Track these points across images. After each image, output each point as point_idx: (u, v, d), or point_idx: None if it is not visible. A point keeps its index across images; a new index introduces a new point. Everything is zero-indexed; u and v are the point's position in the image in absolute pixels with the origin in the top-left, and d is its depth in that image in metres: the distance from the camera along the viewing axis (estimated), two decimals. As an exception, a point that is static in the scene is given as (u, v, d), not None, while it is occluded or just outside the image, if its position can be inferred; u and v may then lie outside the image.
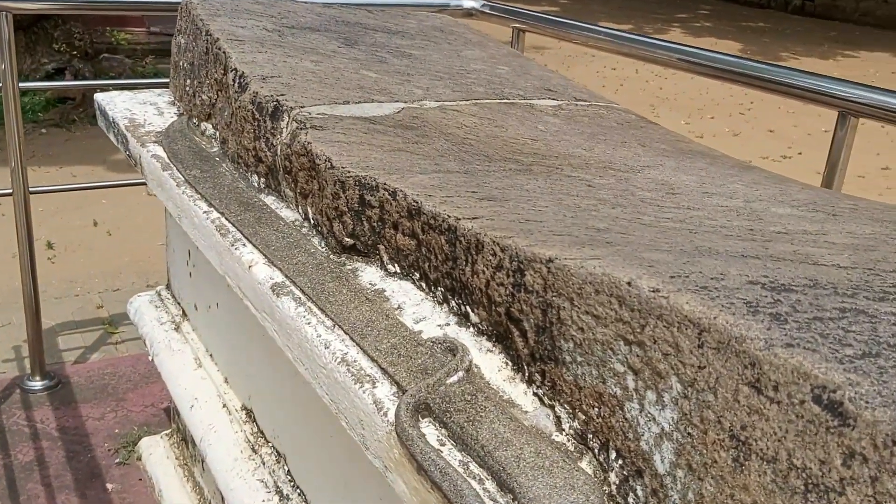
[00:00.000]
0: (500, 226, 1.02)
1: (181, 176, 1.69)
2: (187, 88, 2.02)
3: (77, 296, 3.90)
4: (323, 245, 1.34)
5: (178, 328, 2.32)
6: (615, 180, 1.32)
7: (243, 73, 1.64)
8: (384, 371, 1.03)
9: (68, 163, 6.08)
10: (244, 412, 1.91)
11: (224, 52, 1.75)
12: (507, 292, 0.97)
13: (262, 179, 1.57)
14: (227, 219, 1.48)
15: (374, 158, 1.29)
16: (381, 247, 1.23)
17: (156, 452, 2.56)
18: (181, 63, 2.08)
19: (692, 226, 1.07)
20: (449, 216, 1.07)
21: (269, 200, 1.53)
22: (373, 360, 1.05)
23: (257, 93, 1.55)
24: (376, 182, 1.20)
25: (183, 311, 2.35)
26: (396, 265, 1.21)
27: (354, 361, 1.06)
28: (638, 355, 0.78)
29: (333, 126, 1.41)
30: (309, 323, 1.15)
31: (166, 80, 2.29)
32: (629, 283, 0.79)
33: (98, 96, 2.28)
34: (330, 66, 1.75)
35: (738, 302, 0.74)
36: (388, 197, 1.18)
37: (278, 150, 1.46)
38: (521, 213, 1.08)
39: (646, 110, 9.09)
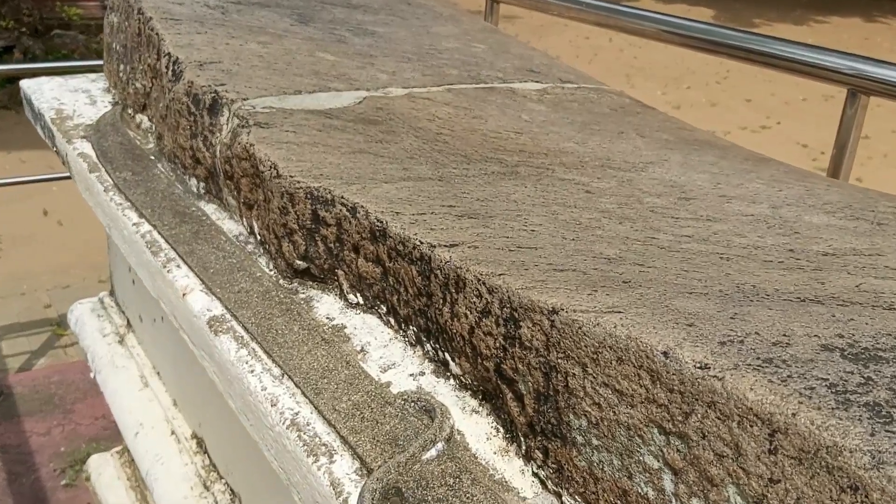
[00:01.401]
0: (486, 256, 0.81)
1: (110, 179, 1.46)
2: (121, 74, 1.78)
3: (23, 294, 3.64)
4: (271, 267, 1.12)
5: (122, 341, 2.09)
6: (616, 182, 1.12)
7: (177, 58, 1.40)
8: (344, 440, 0.82)
9: (17, 147, 5.76)
10: (195, 441, 1.69)
11: (157, 35, 1.51)
12: (497, 344, 0.76)
13: (202, 184, 1.34)
14: (159, 232, 1.25)
15: (329, 164, 1.07)
16: (340, 272, 1.02)
17: (105, 473, 2.34)
18: (114, 45, 1.84)
19: (721, 247, 0.87)
20: (421, 242, 0.86)
21: (210, 209, 1.30)
22: (330, 424, 0.84)
23: (192, 82, 1.31)
24: (332, 195, 0.99)
25: (128, 322, 2.12)
26: (359, 295, 1.00)
27: (308, 425, 0.85)
28: (679, 451, 0.58)
29: (281, 122, 1.19)
30: (252, 371, 0.93)
31: (101, 63, 2.05)
32: (666, 355, 0.59)
33: (24, 83, 2.03)
34: (280, 49, 1.52)
35: (819, 385, 0.54)
36: (347, 214, 0.97)
37: (218, 151, 1.24)
38: (510, 237, 0.87)
39: (621, 81, 8.88)
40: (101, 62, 2.06)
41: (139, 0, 1.66)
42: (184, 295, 1.11)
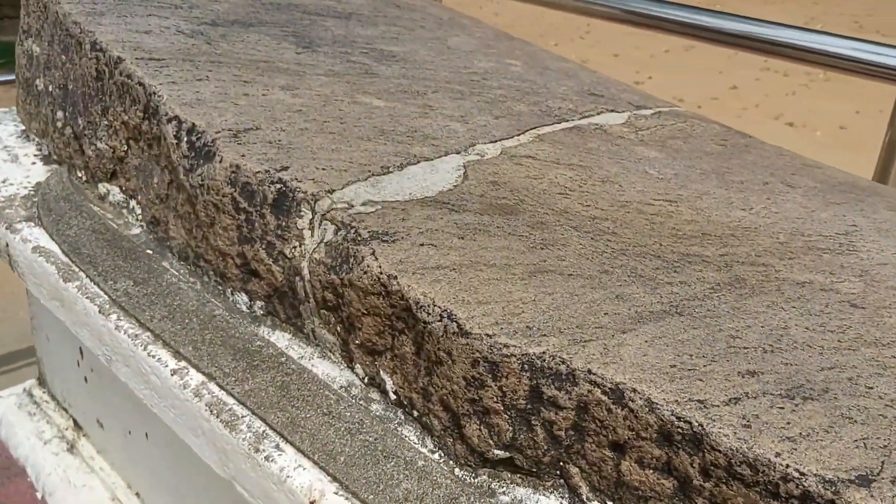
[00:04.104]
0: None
1: (102, 292, 1.06)
2: (59, 124, 1.34)
3: None
4: (432, 448, 0.79)
5: (73, 449, 1.66)
6: (862, 284, 0.86)
7: (193, 125, 1.01)
8: None
9: None
10: None
11: (141, 84, 1.11)
12: None
13: (260, 303, 0.97)
14: (222, 386, 0.89)
15: (521, 302, 0.75)
16: (573, 468, 0.70)
17: None
18: (41, 85, 1.39)
19: None
20: (803, 473, 0.57)
21: (281, 341, 0.94)
22: None
23: (239, 167, 0.94)
24: (568, 367, 0.67)
25: (75, 423, 1.69)
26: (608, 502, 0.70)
27: None
28: None
29: (404, 228, 0.85)
30: None
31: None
32: None
33: None
34: (314, 96, 1.15)
35: None
36: (604, 399, 0.66)
37: (304, 270, 0.88)
38: (879, 436, 0.60)
39: (491, 41, 8.65)
40: None
41: (90, 30, 1.23)
42: (312, 503, 0.76)
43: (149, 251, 1.13)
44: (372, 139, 1.04)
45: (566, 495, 0.72)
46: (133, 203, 1.21)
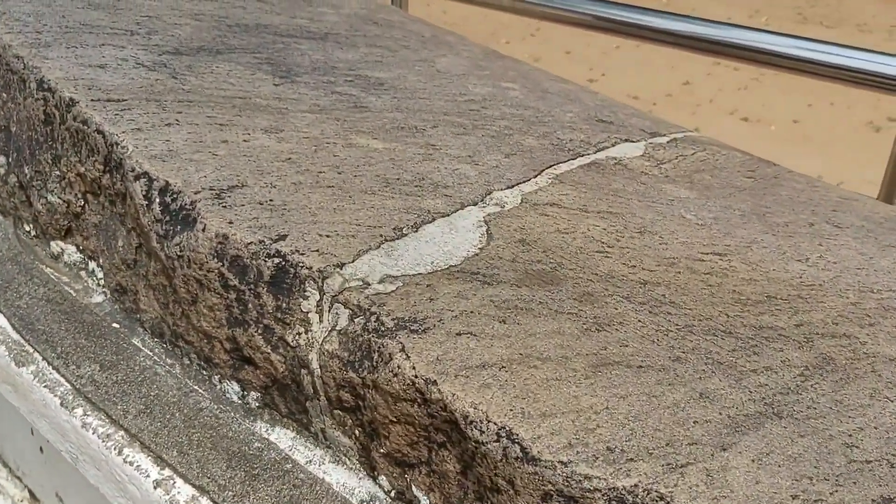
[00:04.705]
0: None
1: (62, 378, 0.90)
2: (1, 171, 1.17)
3: None
4: (486, 583, 0.65)
5: (30, 524, 1.48)
6: (959, 352, 0.74)
7: (168, 184, 0.86)
8: None
9: None
10: None
11: (101, 133, 0.95)
12: None
13: (255, 394, 0.83)
14: (215, 502, 0.74)
15: (591, 411, 0.62)
16: None
17: None
18: (-21, 124, 1.21)
19: None
20: None
21: (285, 442, 0.80)
22: None
23: (227, 237, 0.79)
24: (668, 504, 0.54)
25: (31, 494, 1.51)
26: None
27: None
28: None
29: (428, 308, 0.71)
30: None
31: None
32: None
33: None
34: (300, 137, 1.01)
35: None
36: (717, 544, 0.53)
37: (312, 361, 0.74)
38: None
39: (443, 41, 8.51)
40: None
41: (34, 67, 1.06)
42: None
43: (115, 325, 0.97)
44: (376, 192, 0.90)
45: None
46: (93, 265, 1.05)
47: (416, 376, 0.65)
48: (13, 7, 1.25)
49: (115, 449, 0.82)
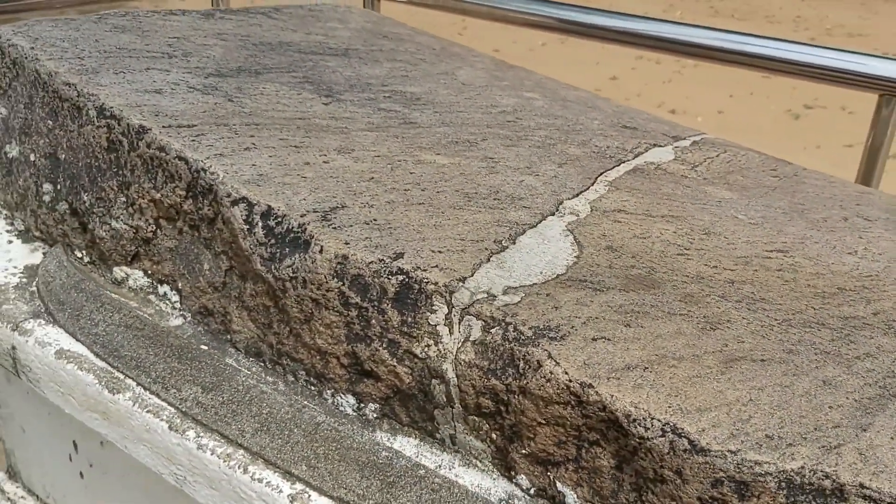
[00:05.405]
0: None
1: (164, 402, 0.92)
2: (47, 198, 1.17)
3: None
4: (641, 567, 0.71)
5: (66, 551, 1.47)
6: None
7: (270, 208, 0.89)
8: None
9: None
10: None
11: (184, 160, 0.96)
12: None
13: (374, 406, 0.86)
14: (357, 512, 0.78)
15: (736, 401, 0.68)
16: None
17: None
18: (11, 152, 1.21)
19: None
20: None
21: (410, 450, 0.84)
22: None
23: (347, 258, 0.82)
24: (837, 483, 0.61)
25: (65, 520, 1.50)
26: None
27: None
28: None
29: (556, 315, 0.76)
30: None
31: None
32: None
33: None
34: (372, 156, 1.04)
35: None
36: (884, 514, 0.60)
37: (447, 371, 0.78)
38: None
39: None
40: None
41: (91, 94, 1.07)
42: None
43: (203, 346, 0.99)
44: (463, 206, 0.94)
45: None
46: (165, 289, 1.06)
47: (570, 381, 0.70)
48: (44, 33, 1.24)
49: (239, 468, 0.84)
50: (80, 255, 1.16)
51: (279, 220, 0.88)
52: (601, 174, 1.12)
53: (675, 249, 0.93)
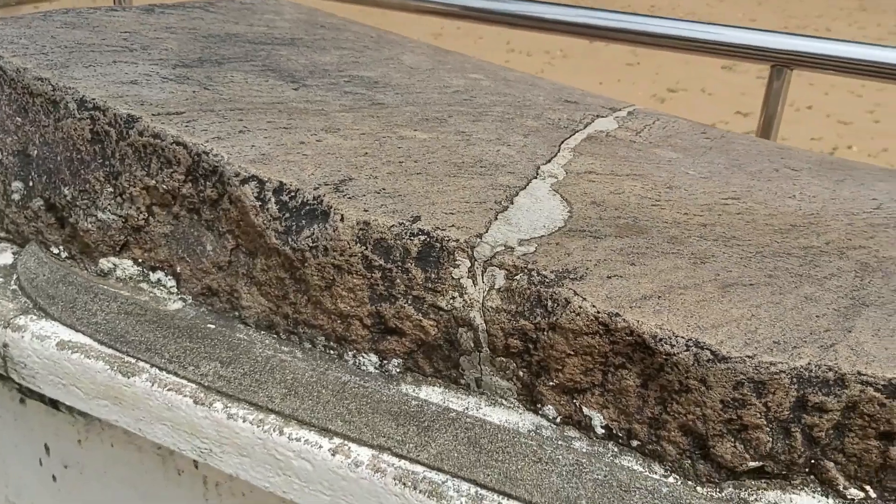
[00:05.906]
0: None
1: (184, 379, 0.95)
2: (17, 196, 1.17)
3: None
4: (668, 474, 0.81)
5: (40, 558, 1.45)
6: (941, 249, 0.99)
7: (282, 184, 0.93)
8: None
9: None
10: None
11: (182, 145, 0.99)
12: None
13: (397, 361, 0.92)
14: (408, 458, 0.84)
15: (741, 318, 0.78)
16: (829, 463, 0.76)
17: None
18: (-21, 151, 1.20)
19: None
20: None
21: (436, 397, 0.91)
22: None
23: (369, 223, 0.88)
24: (838, 373, 0.72)
25: (35, 527, 1.48)
26: (869, 487, 0.76)
27: None
28: None
29: (570, 260, 0.85)
30: None
31: None
32: None
33: None
34: (359, 134, 1.10)
35: None
36: (877, 395, 0.71)
37: (474, 319, 0.85)
38: None
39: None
40: None
41: (68, 87, 1.08)
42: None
43: (210, 325, 1.02)
44: (456, 175, 1.02)
45: (818, 489, 0.77)
46: (160, 275, 1.08)
47: (598, 312, 0.78)
48: (-3, 31, 1.23)
49: (274, 430, 0.89)
50: (56, 251, 1.16)
51: (293, 194, 0.93)
52: (562, 142, 1.21)
53: (648, 202, 1.03)
